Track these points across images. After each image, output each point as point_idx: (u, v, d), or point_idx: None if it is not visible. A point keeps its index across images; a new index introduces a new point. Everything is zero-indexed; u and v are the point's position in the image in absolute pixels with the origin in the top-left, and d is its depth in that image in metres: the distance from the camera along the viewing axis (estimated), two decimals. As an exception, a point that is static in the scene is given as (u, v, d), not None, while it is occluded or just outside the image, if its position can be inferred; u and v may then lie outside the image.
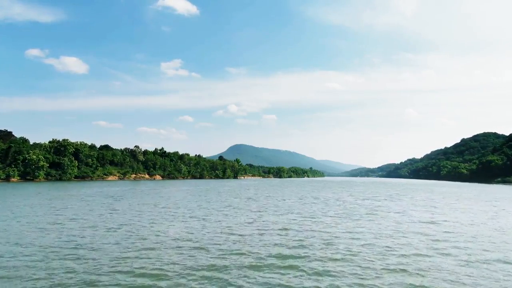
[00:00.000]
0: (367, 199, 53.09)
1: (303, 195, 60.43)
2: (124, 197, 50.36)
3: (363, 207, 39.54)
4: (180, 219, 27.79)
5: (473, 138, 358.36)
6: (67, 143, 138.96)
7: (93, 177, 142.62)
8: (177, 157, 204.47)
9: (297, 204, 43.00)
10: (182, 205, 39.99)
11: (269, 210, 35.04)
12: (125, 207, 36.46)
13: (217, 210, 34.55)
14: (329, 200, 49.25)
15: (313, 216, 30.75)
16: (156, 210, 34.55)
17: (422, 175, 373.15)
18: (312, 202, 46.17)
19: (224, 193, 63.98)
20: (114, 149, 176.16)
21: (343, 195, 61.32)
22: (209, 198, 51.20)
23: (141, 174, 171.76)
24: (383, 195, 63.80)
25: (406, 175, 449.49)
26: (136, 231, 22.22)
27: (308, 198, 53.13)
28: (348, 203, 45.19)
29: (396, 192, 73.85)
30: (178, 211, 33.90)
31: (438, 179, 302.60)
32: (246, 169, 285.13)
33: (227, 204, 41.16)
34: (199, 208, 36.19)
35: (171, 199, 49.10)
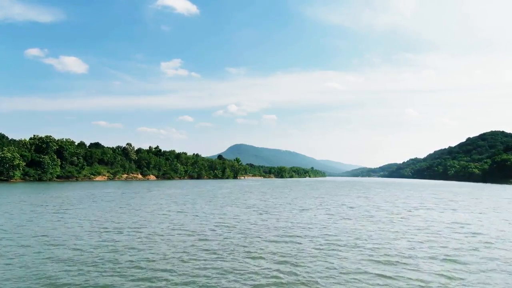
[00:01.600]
0: (416, 208, 38.38)
1: (323, 201, 45.86)
2: (75, 206, 35.72)
3: (440, 224, 24.95)
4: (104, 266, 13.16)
5: (480, 136, 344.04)
6: (50, 140, 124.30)
7: (79, 177, 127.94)
8: (174, 156, 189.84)
9: (328, 219, 28.29)
10: (148, 222, 25.38)
11: (297, 239, 20.26)
12: (40, 226, 21.85)
13: (199, 238, 19.90)
14: (369, 211, 34.51)
15: (388, 252, 16.06)
16: (92, 233, 19.91)
17: (427, 175, 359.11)
18: (345, 215, 31.39)
19: (219, 198, 49.40)
20: (104, 147, 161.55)
21: (375, 200, 46.75)
22: (197, 208, 36.50)
23: (133, 174, 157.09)
24: (419, 199, 49.37)
25: (409, 175, 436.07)
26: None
27: (332, 206, 38.53)
28: (404, 217, 30.46)
29: (432, 196, 59.29)
30: (119, 240, 19.21)
31: (445, 179, 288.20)
32: (246, 169, 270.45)
33: (219, 221, 26.51)
34: (169, 231, 21.53)
35: (141, 210, 34.42)
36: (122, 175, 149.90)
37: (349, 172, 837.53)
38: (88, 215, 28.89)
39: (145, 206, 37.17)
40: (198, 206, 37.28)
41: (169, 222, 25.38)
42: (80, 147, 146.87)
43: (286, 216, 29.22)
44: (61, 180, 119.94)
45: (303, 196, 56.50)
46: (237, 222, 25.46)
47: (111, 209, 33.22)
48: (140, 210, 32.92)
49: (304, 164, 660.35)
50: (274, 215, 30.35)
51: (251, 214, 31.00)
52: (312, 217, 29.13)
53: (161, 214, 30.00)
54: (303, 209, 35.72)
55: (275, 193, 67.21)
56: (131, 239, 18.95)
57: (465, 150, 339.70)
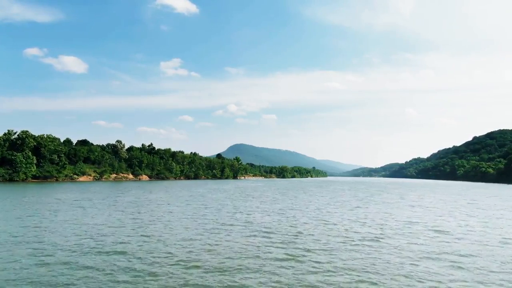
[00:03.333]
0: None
1: (367, 215, 30.64)
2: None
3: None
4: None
5: (488, 135, 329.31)
6: (26, 136, 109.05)
7: (59, 177, 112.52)
8: (169, 155, 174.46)
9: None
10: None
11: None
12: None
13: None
14: (473, 229, 19.17)
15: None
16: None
17: (432, 175, 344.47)
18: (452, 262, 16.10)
19: (209, 210, 34.14)
20: (92, 145, 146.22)
21: (441, 210, 31.61)
22: (161, 234, 21.26)
23: (123, 174, 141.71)
24: (486, 206, 34.34)
25: (413, 175, 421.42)
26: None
27: (424, 230, 23.32)
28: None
29: (495, 201, 44.13)
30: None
31: (453, 179, 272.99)
32: (246, 169, 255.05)
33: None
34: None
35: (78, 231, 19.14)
36: (111, 175, 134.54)
37: (349, 172, 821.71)
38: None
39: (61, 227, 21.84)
40: (173, 232, 21.95)
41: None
42: (64, 144, 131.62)
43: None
44: (37, 181, 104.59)
45: (340, 204, 41.15)
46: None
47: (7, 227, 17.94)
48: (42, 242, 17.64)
49: (304, 164, 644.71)
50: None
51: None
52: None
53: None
54: (379, 237, 20.42)
55: (291, 199, 51.82)
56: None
57: (472, 149, 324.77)
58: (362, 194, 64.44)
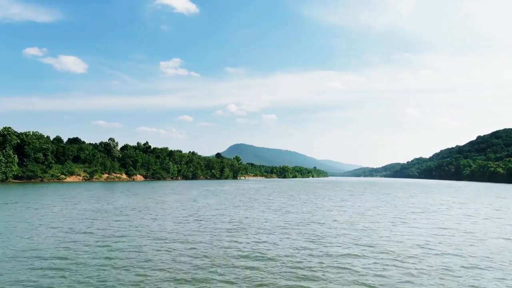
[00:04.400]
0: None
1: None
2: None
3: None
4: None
5: (493, 134, 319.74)
6: (8, 132, 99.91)
7: (44, 177, 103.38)
8: (166, 154, 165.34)
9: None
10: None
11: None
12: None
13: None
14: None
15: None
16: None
17: (436, 175, 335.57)
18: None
19: (195, 227, 25.04)
20: (83, 143, 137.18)
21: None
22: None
23: (116, 174, 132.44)
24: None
25: (415, 175, 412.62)
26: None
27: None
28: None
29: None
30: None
31: (458, 179, 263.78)
32: (247, 168, 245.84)
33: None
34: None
35: None
36: (102, 175, 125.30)
37: (350, 172, 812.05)
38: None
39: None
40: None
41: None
42: (53, 142, 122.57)
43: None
44: (19, 182, 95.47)
45: (356, 215, 32.04)
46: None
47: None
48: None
49: (304, 164, 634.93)
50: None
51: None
52: None
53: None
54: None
55: (306, 204, 42.67)
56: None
57: (477, 148, 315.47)
58: (399, 196, 55.32)
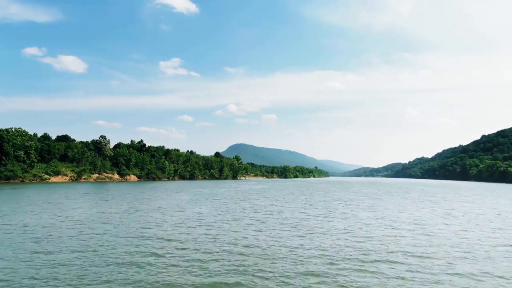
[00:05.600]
0: None
1: None
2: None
3: None
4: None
5: (499, 133, 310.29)
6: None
7: (25, 177, 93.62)
8: (162, 153, 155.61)
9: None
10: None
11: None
12: None
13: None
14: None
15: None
16: None
17: (440, 175, 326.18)
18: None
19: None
20: (72, 141, 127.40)
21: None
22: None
23: (107, 174, 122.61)
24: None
25: (418, 175, 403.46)
26: None
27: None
28: None
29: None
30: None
31: (464, 179, 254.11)
32: (247, 168, 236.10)
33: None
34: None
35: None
36: (92, 175, 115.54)
37: (350, 172, 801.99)
38: None
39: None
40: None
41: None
42: (40, 140, 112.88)
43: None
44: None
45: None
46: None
47: None
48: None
49: (304, 163, 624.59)
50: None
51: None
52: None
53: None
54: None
55: (330, 215, 32.88)
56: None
57: (483, 148, 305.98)
58: (434, 200, 45.58)
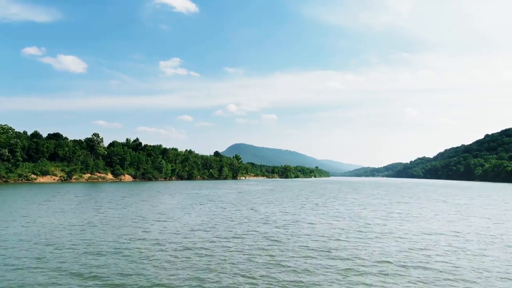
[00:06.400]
0: None
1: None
2: None
3: None
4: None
5: (503, 132, 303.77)
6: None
7: (9, 178, 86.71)
8: (159, 152, 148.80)
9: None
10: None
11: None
12: None
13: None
14: None
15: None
16: None
17: (443, 175, 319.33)
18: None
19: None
20: (64, 139, 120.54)
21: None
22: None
23: (100, 174, 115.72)
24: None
25: (420, 175, 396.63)
26: None
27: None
28: None
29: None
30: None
31: (469, 179, 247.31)
32: (247, 168, 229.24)
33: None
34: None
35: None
36: (83, 175, 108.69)
37: (351, 172, 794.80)
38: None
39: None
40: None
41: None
42: (30, 138, 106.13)
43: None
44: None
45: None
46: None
47: None
48: None
49: (304, 163, 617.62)
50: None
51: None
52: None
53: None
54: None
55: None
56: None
57: (487, 147, 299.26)
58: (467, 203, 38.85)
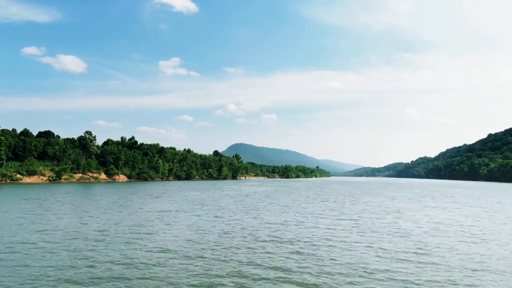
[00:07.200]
0: None
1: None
2: None
3: None
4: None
5: (507, 132, 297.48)
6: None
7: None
8: (156, 151, 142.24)
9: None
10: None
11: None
12: None
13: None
14: None
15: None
16: None
17: (446, 175, 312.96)
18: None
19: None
20: (54, 137, 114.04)
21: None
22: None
23: (92, 173, 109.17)
24: None
25: (422, 175, 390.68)
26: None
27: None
28: None
29: None
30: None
31: (473, 179, 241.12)
32: (247, 168, 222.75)
33: None
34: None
35: None
36: (74, 174, 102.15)
37: (351, 171, 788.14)
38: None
39: None
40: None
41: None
42: (19, 137, 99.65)
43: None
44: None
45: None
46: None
47: None
48: None
49: (304, 163, 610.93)
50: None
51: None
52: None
53: None
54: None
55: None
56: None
57: (491, 147, 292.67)
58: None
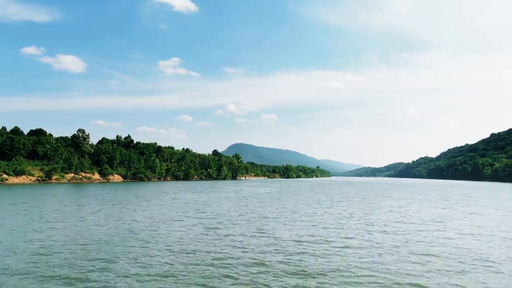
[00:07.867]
0: None
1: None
2: None
3: None
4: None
5: (510, 131, 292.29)
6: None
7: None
8: (153, 150, 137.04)
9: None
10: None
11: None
12: None
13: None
14: None
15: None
16: None
17: (448, 175, 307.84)
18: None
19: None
20: (45, 135, 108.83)
21: None
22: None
23: (85, 173, 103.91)
24: None
25: (423, 175, 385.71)
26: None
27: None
28: None
29: None
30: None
31: (477, 179, 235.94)
32: (247, 168, 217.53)
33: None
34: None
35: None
36: (66, 174, 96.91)
37: (351, 171, 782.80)
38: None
39: None
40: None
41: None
42: (8, 135, 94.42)
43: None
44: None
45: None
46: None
47: None
48: None
49: (304, 163, 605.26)
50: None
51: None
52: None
53: None
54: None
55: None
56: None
57: (494, 146, 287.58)
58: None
